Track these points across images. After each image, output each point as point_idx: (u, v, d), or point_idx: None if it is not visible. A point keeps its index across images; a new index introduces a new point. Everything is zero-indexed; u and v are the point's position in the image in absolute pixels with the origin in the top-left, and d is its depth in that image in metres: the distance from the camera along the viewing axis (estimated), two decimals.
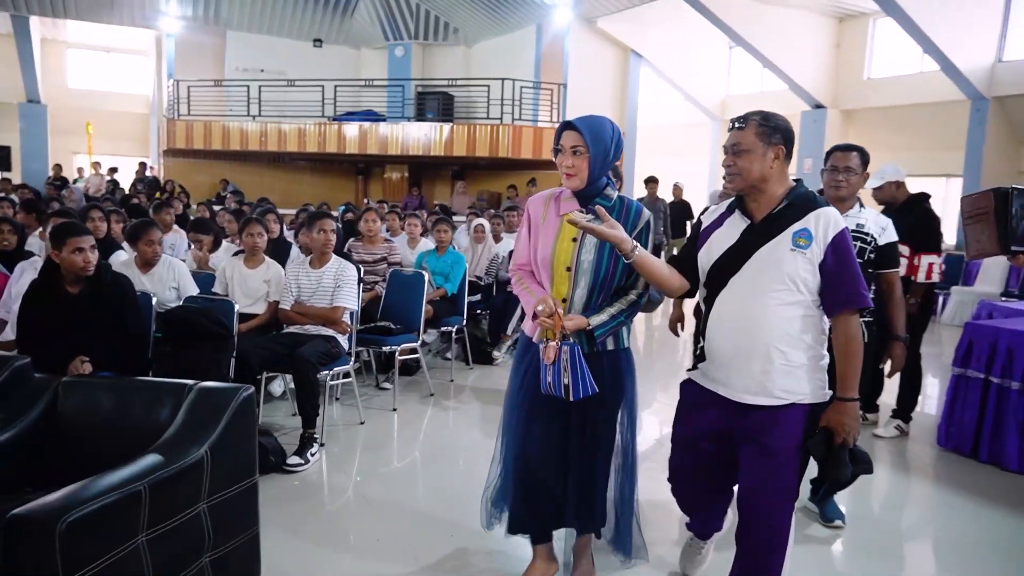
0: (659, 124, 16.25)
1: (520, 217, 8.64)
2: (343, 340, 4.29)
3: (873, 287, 3.14)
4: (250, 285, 4.52)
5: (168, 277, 4.23)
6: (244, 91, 15.16)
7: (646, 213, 2.53)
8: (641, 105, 15.04)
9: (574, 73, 13.99)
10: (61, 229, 3.29)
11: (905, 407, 4.71)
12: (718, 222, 2.37)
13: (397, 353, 4.91)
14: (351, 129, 14.44)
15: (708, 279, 2.34)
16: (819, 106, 12.97)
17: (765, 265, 2.21)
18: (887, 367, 3.36)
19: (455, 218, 9.39)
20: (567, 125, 2.45)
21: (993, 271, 8.98)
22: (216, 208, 9.79)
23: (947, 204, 11.20)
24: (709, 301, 2.33)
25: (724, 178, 3.65)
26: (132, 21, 15.87)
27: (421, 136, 14.04)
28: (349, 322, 4.35)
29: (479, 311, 6.55)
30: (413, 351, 5.13)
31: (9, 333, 3.82)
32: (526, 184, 13.18)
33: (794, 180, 2.31)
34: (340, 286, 4.27)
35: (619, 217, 2.44)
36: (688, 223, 11.10)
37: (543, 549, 2.72)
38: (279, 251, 5.41)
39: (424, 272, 5.24)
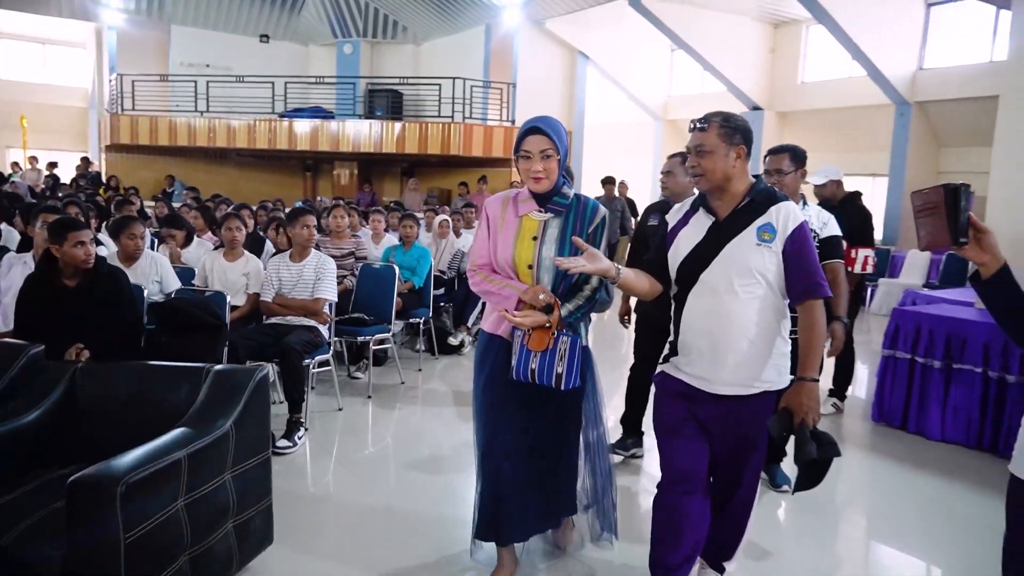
0: (605, 123, 16.70)
1: (477, 213, 8.96)
2: (324, 330, 4.50)
3: None
4: (229, 278, 4.67)
5: (151, 271, 4.35)
6: (189, 86, 14.98)
7: (602, 210, 2.59)
8: (588, 105, 15.45)
9: (523, 73, 14.31)
10: (62, 224, 3.42)
11: (840, 387, 5.16)
12: (683, 221, 2.42)
13: (371, 343, 5.13)
14: (302, 126, 14.45)
15: (678, 277, 2.40)
16: (756, 108, 13.60)
17: (732, 261, 2.27)
18: (827, 346, 3.75)
19: None
20: (533, 129, 2.47)
21: (916, 264, 9.69)
22: (176, 205, 9.77)
23: (874, 201, 11.92)
24: (680, 298, 2.39)
25: (661, 180, 3.82)
26: (72, 13, 15.50)
27: (373, 133, 14.15)
28: (329, 313, 4.55)
29: (442, 304, 6.80)
30: (385, 341, 5.35)
31: (0, 325, 3.91)
32: (477, 181, 13.43)
33: (753, 176, 2.39)
34: (320, 279, 4.48)
35: (576, 215, 2.55)
36: (633, 219, 11.53)
37: (506, 550, 2.77)
38: (254, 245, 5.55)
39: (394, 266, 5.47)
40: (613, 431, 4.30)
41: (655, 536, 2.49)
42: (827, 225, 3.54)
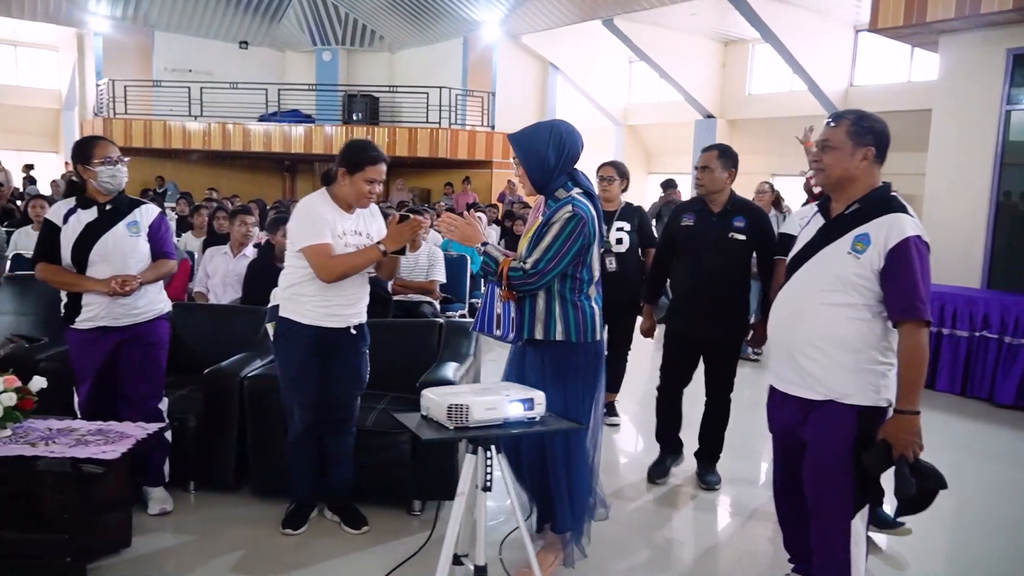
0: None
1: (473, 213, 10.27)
2: (437, 304, 5.73)
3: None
4: None
5: None
6: (174, 90, 15.69)
7: (566, 209, 2.58)
8: (558, 111, 16.88)
9: (501, 83, 15.64)
10: (277, 220, 4.56)
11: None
12: (808, 223, 2.43)
13: (457, 316, 6.39)
14: (296, 130, 15.41)
15: (786, 272, 2.42)
16: (709, 116, 15.29)
17: (821, 265, 2.24)
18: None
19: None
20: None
21: None
22: (170, 205, 10.87)
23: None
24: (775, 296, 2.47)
25: (696, 177, 3.67)
26: (59, 19, 15.94)
27: (364, 137, 15.20)
28: (440, 292, 5.80)
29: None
30: (463, 315, 6.61)
31: (212, 298, 5.00)
32: (461, 182, 14.69)
33: (883, 183, 2.27)
34: (433, 265, 5.71)
35: (548, 214, 2.62)
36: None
37: (556, 538, 2.83)
38: None
39: (467, 256, 6.73)
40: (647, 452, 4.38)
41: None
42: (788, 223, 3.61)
